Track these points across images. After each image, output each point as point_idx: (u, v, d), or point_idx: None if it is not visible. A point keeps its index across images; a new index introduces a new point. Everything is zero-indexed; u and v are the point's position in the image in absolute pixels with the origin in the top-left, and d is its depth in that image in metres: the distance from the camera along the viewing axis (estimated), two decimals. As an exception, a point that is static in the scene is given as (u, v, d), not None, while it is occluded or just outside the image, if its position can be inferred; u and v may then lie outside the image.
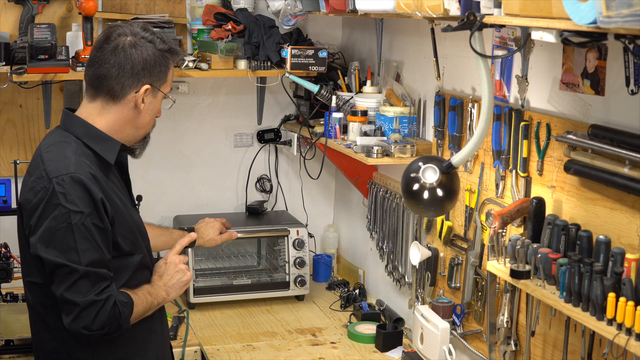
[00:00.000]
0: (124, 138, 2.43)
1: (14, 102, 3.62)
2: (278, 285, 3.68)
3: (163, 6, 3.69)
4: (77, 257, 2.24)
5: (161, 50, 2.41)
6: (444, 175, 2.50)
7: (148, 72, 2.38)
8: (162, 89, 2.44)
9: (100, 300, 2.24)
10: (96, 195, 2.27)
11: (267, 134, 4.00)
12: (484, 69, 2.29)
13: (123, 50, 2.36)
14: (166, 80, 2.45)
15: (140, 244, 2.45)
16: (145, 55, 2.37)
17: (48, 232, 2.26)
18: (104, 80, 2.37)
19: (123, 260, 2.38)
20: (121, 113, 2.40)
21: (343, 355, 3.16)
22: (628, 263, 2.03)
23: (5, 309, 3.24)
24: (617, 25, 1.65)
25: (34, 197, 2.29)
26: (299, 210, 4.10)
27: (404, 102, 3.29)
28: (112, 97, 2.38)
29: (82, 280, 2.24)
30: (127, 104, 2.39)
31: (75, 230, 2.24)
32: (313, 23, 3.93)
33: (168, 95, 2.48)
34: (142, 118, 2.43)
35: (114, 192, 2.38)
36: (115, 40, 2.37)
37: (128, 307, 2.31)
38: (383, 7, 2.78)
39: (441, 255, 3.10)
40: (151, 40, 2.40)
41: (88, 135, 2.37)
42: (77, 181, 2.25)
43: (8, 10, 3.49)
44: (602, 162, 2.16)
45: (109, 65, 2.35)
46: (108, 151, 2.39)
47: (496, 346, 2.72)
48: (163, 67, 2.42)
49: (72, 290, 2.24)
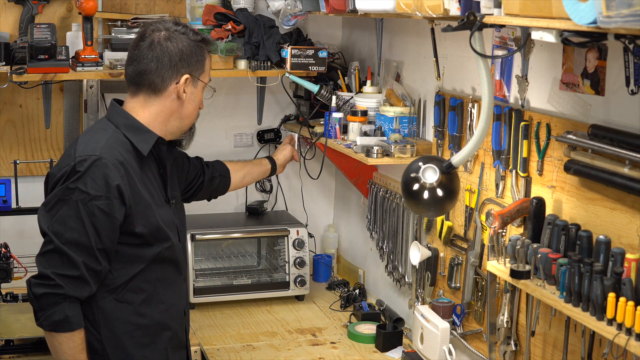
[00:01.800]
0: (169, 130, 2.52)
1: (14, 102, 3.62)
2: (278, 285, 3.68)
3: (163, 6, 3.69)
4: (61, 230, 2.33)
5: (195, 41, 2.50)
6: (444, 175, 2.50)
7: (186, 62, 2.47)
8: (201, 78, 2.52)
9: (53, 284, 2.32)
10: (112, 181, 2.34)
11: (267, 134, 4.00)
12: (484, 69, 2.29)
13: (159, 44, 2.45)
14: (204, 70, 2.53)
15: (166, 237, 2.49)
16: (181, 46, 2.46)
17: (52, 199, 2.36)
18: (144, 75, 2.46)
19: (139, 249, 2.44)
20: (164, 105, 2.49)
21: (343, 355, 3.16)
22: (628, 263, 2.03)
23: (5, 309, 3.24)
24: (617, 25, 1.65)
25: (58, 172, 2.40)
26: (299, 210, 4.09)
27: (404, 102, 3.29)
28: (153, 90, 2.47)
29: (54, 254, 2.34)
30: (169, 96, 2.48)
31: (73, 207, 2.33)
32: (313, 23, 3.93)
33: (208, 85, 2.57)
34: (186, 108, 2.52)
35: (143, 184, 2.44)
36: (150, 36, 2.47)
37: (66, 324, 2.35)
38: (383, 7, 2.78)
39: (441, 255, 3.10)
40: (184, 32, 2.49)
41: (127, 125, 2.46)
42: (96, 164, 2.34)
43: (8, 10, 3.49)
44: (602, 162, 2.16)
45: (147, 60, 2.45)
46: (143, 142, 2.47)
47: (496, 346, 2.72)
48: (199, 56, 2.50)
49: (42, 257, 2.36)
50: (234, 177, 3.20)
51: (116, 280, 2.43)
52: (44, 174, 3.56)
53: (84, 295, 2.36)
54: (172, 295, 2.56)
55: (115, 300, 2.43)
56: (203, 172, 3.06)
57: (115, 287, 2.43)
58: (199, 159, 3.07)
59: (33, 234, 3.67)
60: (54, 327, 2.35)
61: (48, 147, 3.68)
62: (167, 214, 2.53)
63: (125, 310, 2.44)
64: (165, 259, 2.50)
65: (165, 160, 2.57)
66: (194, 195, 3.04)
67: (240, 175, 3.23)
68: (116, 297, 2.43)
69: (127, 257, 2.42)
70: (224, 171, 3.17)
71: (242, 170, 3.25)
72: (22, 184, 3.33)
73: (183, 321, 2.64)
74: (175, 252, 2.54)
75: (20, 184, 3.29)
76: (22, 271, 3.08)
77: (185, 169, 2.93)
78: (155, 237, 2.45)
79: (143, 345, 2.48)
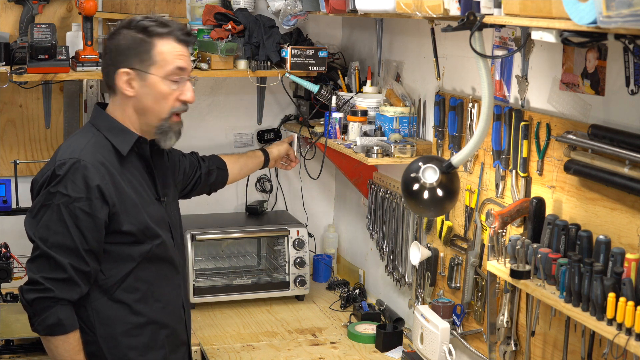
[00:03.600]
0: (141, 128, 2.50)
1: (14, 102, 3.62)
2: (278, 285, 3.68)
3: (163, 6, 3.69)
4: (46, 235, 2.35)
5: (135, 32, 2.41)
6: (444, 175, 2.50)
7: (124, 56, 2.41)
8: (150, 71, 2.40)
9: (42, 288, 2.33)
10: (92, 182, 2.34)
11: (267, 134, 4.00)
12: (484, 69, 2.29)
13: (104, 43, 2.51)
14: (153, 61, 2.40)
15: (155, 235, 2.48)
16: (122, 41, 2.43)
17: (36, 205, 2.39)
18: (104, 77, 2.52)
19: (129, 248, 2.44)
20: (122, 103, 2.48)
21: (343, 355, 3.16)
22: (628, 263, 2.03)
23: (5, 309, 3.24)
24: (617, 25, 1.65)
25: (40, 178, 2.42)
26: (299, 210, 4.10)
27: (404, 102, 3.29)
28: (112, 90, 2.49)
29: (41, 259, 2.36)
30: (120, 93, 2.46)
31: (55, 211, 2.34)
32: (313, 23, 3.93)
33: (156, 75, 2.41)
34: (142, 103, 2.44)
35: (129, 183, 2.44)
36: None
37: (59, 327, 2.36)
38: (383, 7, 2.78)
39: (441, 255, 3.10)
40: (129, 26, 2.42)
41: (108, 128, 2.47)
42: (75, 166, 2.35)
43: (8, 10, 3.49)
44: (602, 162, 2.16)
45: (103, 62, 2.51)
46: (123, 143, 2.46)
47: (496, 346, 2.72)
48: (141, 47, 2.40)
49: (31, 263, 2.38)
50: (232, 169, 3.20)
51: (108, 280, 2.43)
52: (44, 174, 3.59)
53: (74, 297, 2.36)
54: (169, 293, 2.55)
55: (110, 300, 2.43)
56: (199, 166, 3.06)
57: (108, 287, 2.43)
58: (194, 153, 3.09)
59: (33, 234, 3.69)
60: (49, 331, 2.36)
61: (48, 147, 3.68)
62: (156, 212, 2.51)
63: (120, 310, 2.45)
64: (158, 257, 2.50)
65: (151, 159, 2.54)
66: (194, 189, 3.05)
67: (237, 167, 3.25)
68: (110, 297, 2.43)
69: (116, 256, 2.42)
70: (221, 164, 3.17)
71: (237, 162, 3.26)
72: (22, 184, 3.33)
73: (182, 319, 2.63)
74: (167, 250, 2.53)
75: (20, 184, 3.29)
76: (22, 271, 3.08)
77: (182, 165, 2.94)
78: (144, 235, 2.45)
79: (140, 344, 2.48)
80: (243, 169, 3.29)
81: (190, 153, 3.06)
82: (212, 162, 3.13)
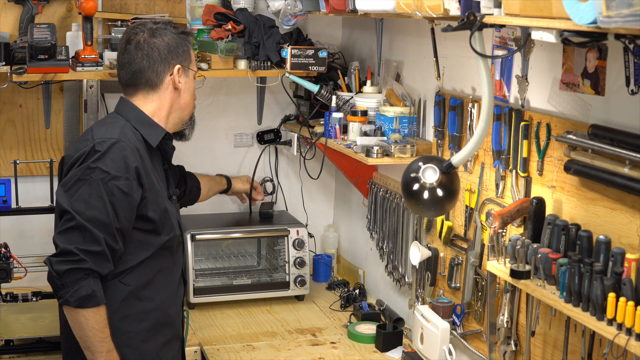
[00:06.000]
0: (171, 122, 2.63)
1: (14, 102, 3.62)
2: (278, 285, 3.68)
3: (163, 6, 3.69)
4: (82, 208, 2.36)
5: (177, 33, 2.61)
6: (444, 175, 2.50)
7: (174, 54, 2.58)
8: (190, 67, 2.63)
9: (77, 259, 2.33)
10: (132, 163, 2.41)
11: (267, 135, 4.00)
12: (484, 69, 2.29)
13: (146, 43, 2.56)
14: (191, 59, 2.65)
15: (171, 227, 2.56)
16: (167, 40, 2.57)
17: (71, 179, 2.40)
18: (139, 74, 2.56)
19: (149, 236, 2.50)
20: (164, 99, 2.58)
21: (343, 355, 3.16)
22: (628, 263, 2.03)
23: (5, 309, 3.24)
24: (617, 25, 1.65)
25: (75, 153, 2.44)
26: (299, 210, 4.09)
27: (404, 102, 3.29)
28: (151, 86, 2.57)
29: (75, 230, 2.36)
30: (166, 89, 2.58)
31: (94, 185, 2.37)
32: (313, 23, 3.93)
33: (198, 72, 2.70)
34: (183, 98, 2.63)
35: (155, 174, 2.53)
36: (135, 38, 2.57)
37: (93, 299, 2.36)
38: (383, 7, 2.78)
39: (441, 255, 3.10)
40: (165, 28, 2.61)
41: (137, 119, 2.55)
42: (116, 146, 2.41)
43: (8, 10, 3.49)
44: (602, 162, 2.16)
45: (138, 60, 2.55)
46: (153, 135, 2.56)
47: (496, 346, 2.72)
48: (185, 47, 2.62)
49: (63, 235, 2.37)
50: (203, 189, 3.44)
51: (124, 265, 2.47)
52: (44, 174, 3.59)
53: (104, 272, 2.39)
54: (170, 284, 2.62)
55: (119, 282, 2.48)
56: (185, 181, 3.27)
57: (120, 271, 2.47)
58: (181, 167, 3.23)
59: (33, 234, 3.69)
60: (81, 303, 2.36)
61: (48, 147, 3.68)
62: (171, 207, 2.61)
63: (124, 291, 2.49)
64: (169, 249, 2.58)
65: (170, 156, 2.68)
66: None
67: (207, 188, 3.48)
68: (120, 279, 2.48)
69: (137, 242, 2.47)
70: (198, 183, 3.39)
71: (208, 184, 3.48)
72: (22, 184, 3.33)
73: (180, 313, 2.71)
74: (177, 244, 2.63)
75: (20, 184, 3.29)
76: (22, 271, 3.08)
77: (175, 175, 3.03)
78: (163, 225, 2.52)
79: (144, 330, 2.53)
80: (209, 192, 3.51)
81: (177, 166, 3.20)
82: (192, 180, 3.35)
